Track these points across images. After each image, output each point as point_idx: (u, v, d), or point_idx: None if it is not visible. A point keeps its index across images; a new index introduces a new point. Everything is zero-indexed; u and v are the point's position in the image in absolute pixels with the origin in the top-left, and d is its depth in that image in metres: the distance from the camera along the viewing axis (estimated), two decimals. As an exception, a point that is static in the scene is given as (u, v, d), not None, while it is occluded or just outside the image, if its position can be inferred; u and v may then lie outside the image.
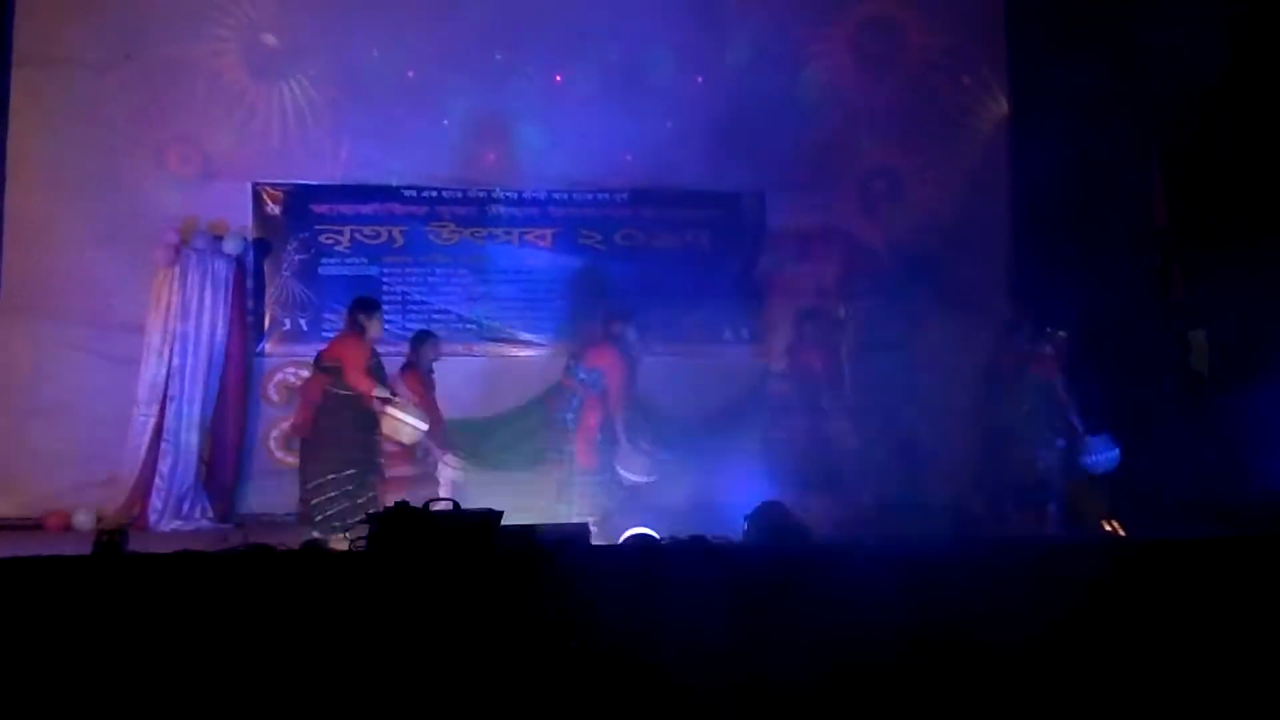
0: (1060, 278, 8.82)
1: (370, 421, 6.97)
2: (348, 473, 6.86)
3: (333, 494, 6.86)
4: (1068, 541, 6.48)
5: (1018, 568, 4.40)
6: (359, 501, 6.81)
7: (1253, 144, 8.33)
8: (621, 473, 7.34)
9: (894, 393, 8.21)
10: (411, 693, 3.77)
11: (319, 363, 7.16)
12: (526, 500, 7.20)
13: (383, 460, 7.26)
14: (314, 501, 6.89)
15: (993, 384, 7.86)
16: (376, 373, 7.05)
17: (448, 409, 8.13)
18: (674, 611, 3.96)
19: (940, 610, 4.09)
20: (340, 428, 6.94)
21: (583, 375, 7.37)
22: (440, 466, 7.74)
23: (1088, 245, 8.69)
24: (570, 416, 7.32)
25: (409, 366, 7.58)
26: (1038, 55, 9.03)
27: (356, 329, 7.07)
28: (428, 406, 7.41)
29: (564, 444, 7.34)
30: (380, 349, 8.42)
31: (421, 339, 7.71)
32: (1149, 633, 4.14)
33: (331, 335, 7.89)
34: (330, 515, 6.80)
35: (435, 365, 7.73)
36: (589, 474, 7.31)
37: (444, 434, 7.64)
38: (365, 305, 7.20)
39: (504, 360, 9.03)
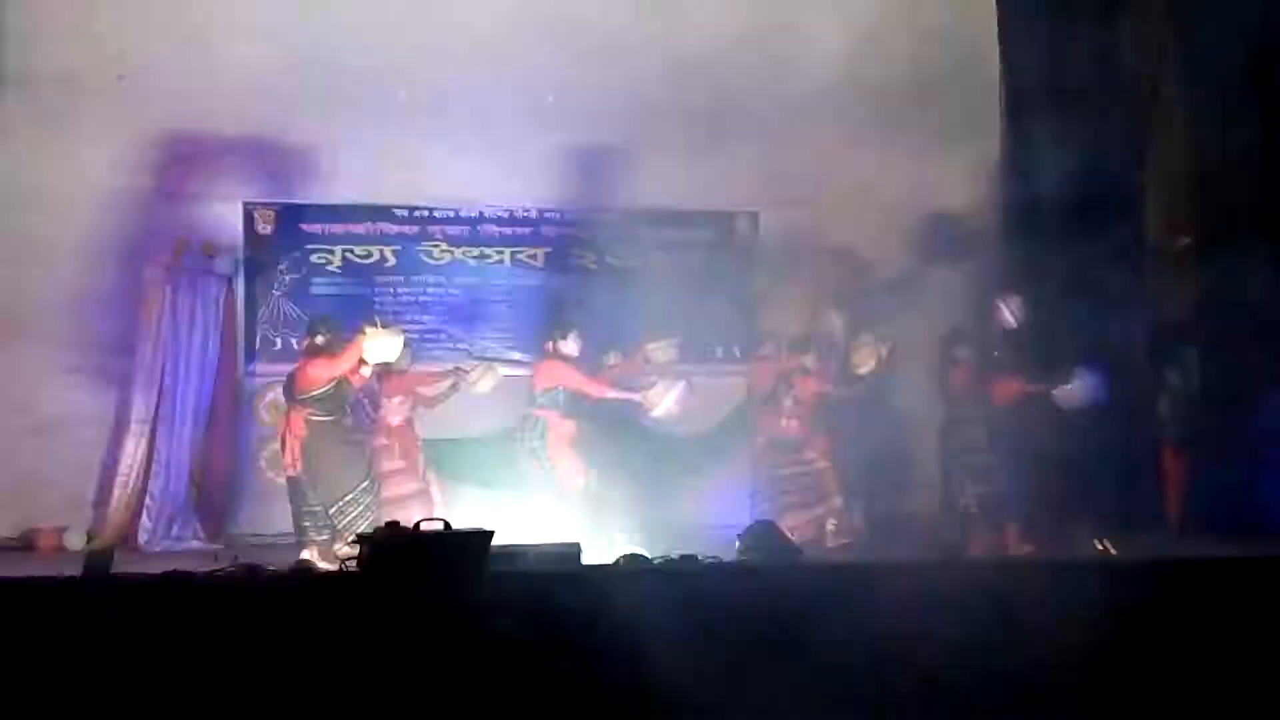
0: (1053, 290, 8.84)
1: (357, 446, 7.04)
2: (346, 496, 6.89)
3: (349, 510, 6.91)
4: (1060, 561, 6.47)
5: (1010, 587, 4.40)
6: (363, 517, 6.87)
7: (1248, 153, 8.39)
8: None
9: (883, 409, 8.21)
10: (403, 712, 3.76)
11: (291, 396, 7.16)
12: (517, 518, 7.21)
13: (379, 478, 7.30)
14: (309, 522, 6.94)
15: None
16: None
17: (438, 428, 8.14)
18: (667, 630, 3.95)
19: (934, 628, 4.09)
20: (329, 452, 6.96)
21: (541, 400, 7.37)
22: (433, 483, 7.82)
23: (1080, 258, 8.70)
24: (538, 444, 7.30)
25: (385, 374, 7.62)
26: (1031, 64, 9.05)
27: (316, 350, 7.07)
28: (419, 397, 7.66)
29: (541, 471, 7.32)
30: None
31: None
32: (1142, 651, 4.14)
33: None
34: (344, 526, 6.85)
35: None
36: (575, 496, 7.29)
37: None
38: (326, 323, 7.25)
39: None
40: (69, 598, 4.12)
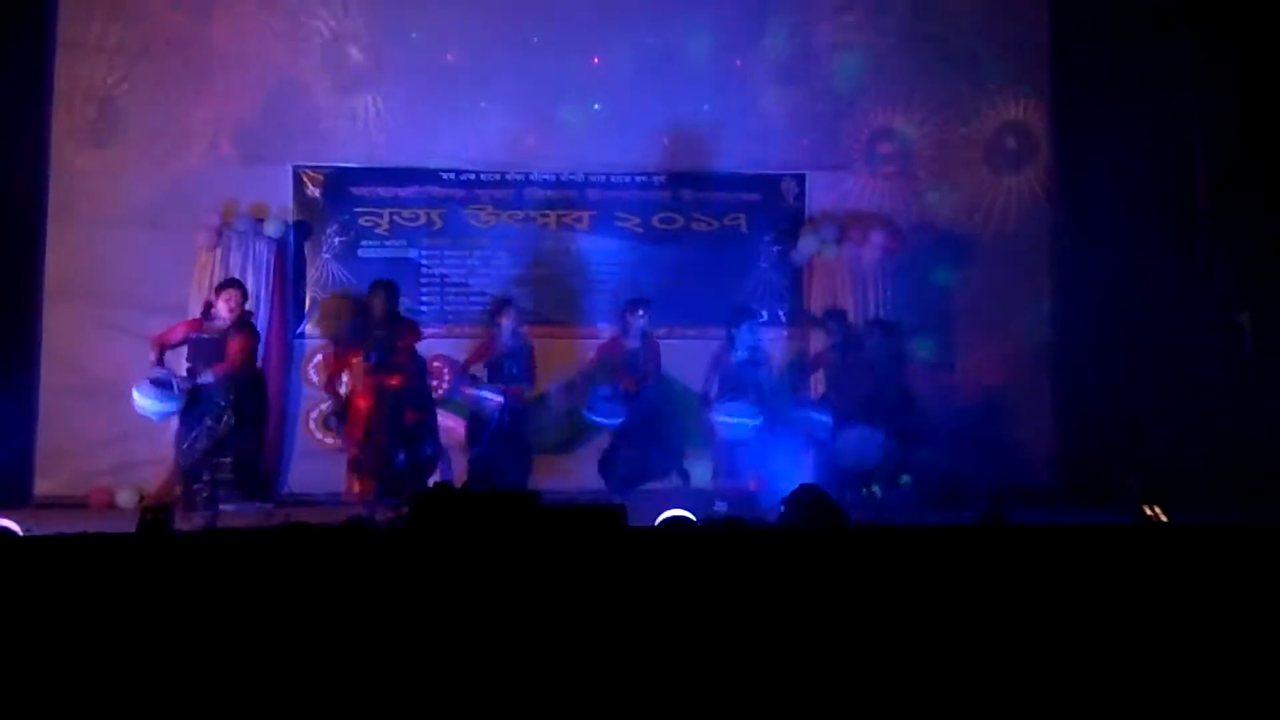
0: (1101, 261, 8.75)
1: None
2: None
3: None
4: (1110, 526, 6.43)
5: (1060, 553, 4.37)
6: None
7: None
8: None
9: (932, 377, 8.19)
10: (449, 669, 3.79)
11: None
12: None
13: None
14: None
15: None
16: None
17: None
18: (712, 593, 3.96)
19: (984, 595, 4.06)
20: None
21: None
22: None
23: (1129, 228, 8.60)
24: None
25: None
26: (1081, 38, 8.93)
27: None
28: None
29: None
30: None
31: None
32: (1191, 619, 4.09)
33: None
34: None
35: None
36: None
37: None
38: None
39: (541, 343, 9.01)
40: (126, 554, 4.18)
